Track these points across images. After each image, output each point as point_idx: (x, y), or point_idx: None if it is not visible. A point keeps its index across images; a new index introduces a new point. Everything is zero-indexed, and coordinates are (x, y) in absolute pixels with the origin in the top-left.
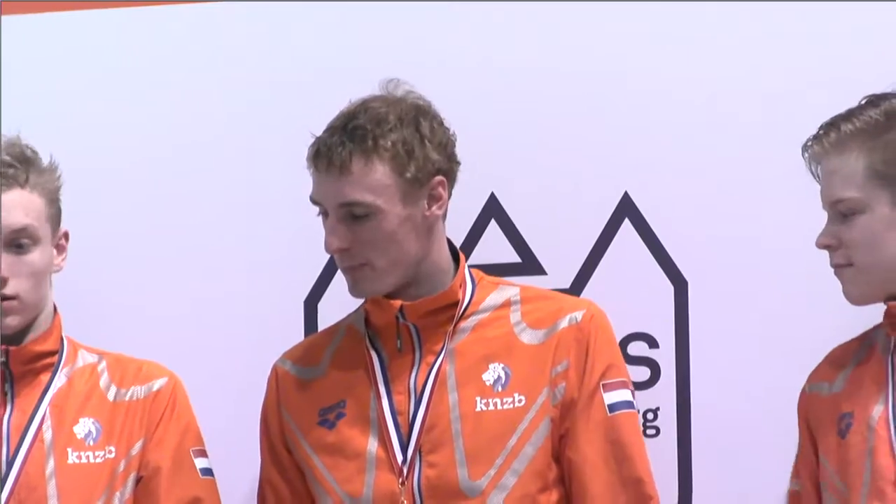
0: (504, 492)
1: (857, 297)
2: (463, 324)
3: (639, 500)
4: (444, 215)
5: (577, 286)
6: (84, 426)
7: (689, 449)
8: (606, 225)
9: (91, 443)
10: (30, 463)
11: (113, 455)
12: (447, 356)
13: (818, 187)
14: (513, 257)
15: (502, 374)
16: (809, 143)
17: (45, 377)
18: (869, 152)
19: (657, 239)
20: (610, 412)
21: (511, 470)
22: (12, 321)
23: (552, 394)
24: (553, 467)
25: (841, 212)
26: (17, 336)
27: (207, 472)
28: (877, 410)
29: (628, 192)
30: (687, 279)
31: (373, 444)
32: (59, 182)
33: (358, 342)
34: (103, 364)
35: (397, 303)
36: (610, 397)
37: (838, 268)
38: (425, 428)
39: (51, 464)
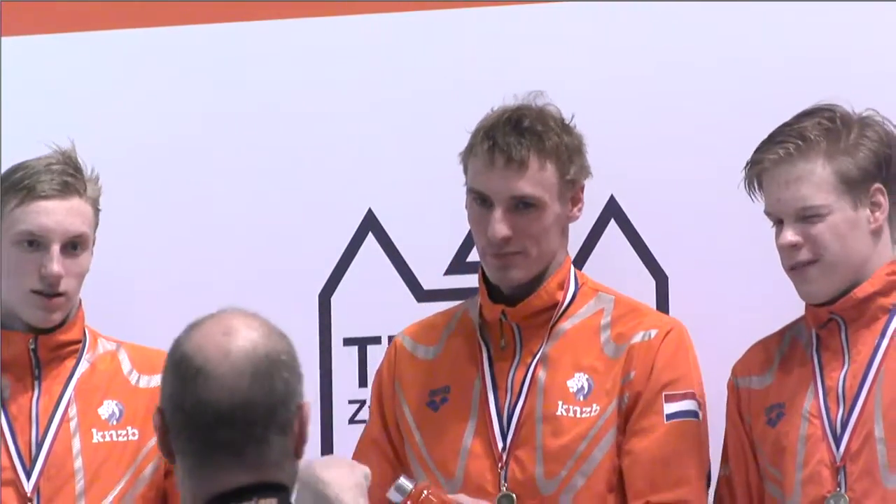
0: (573, 491)
1: (818, 294)
2: (560, 325)
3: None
4: None
5: None
6: (108, 408)
7: None
8: (594, 225)
9: (114, 422)
10: (57, 443)
11: (136, 437)
12: (541, 360)
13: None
14: None
15: (585, 385)
16: (765, 154)
17: (69, 363)
18: (834, 158)
19: (640, 238)
20: (667, 420)
21: (580, 472)
22: (57, 317)
23: (619, 402)
24: (618, 471)
25: (807, 215)
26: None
27: None
28: (808, 402)
29: (614, 195)
30: (667, 274)
31: (470, 433)
32: (101, 191)
33: (470, 330)
34: (123, 352)
35: (499, 307)
36: (671, 407)
37: (801, 266)
38: (519, 425)
39: (77, 443)
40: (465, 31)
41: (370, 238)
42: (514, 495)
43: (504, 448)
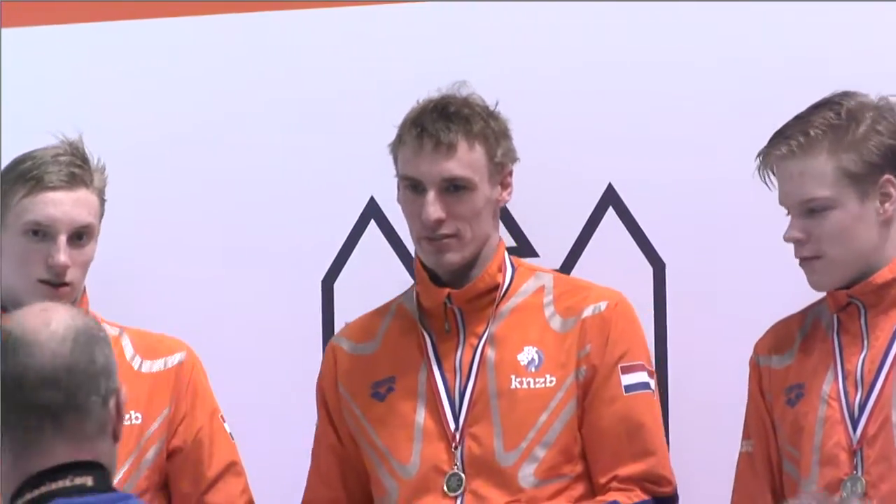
0: (535, 463)
1: (825, 285)
2: (502, 307)
3: (649, 475)
4: None
5: (567, 267)
6: None
7: (666, 417)
8: (592, 213)
9: None
10: None
11: (139, 422)
12: (488, 340)
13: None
14: (509, 241)
15: (536, 357)
16: (772, 148)
17: None
18: (837, 153)
19: (638, 225)
20: (626, 392)
21: (541, 444)
22: None
23: (577, 375)
24: (578, 442)
25: (811, 209)
26: None
27: (231, 435)
28: (828, 384)
29: (612, 183)
30: (664, 261)
31: (420, 416)
32: (107, 182)
33: (408, 321)
34: (126, 338)
35: (445, 291)
36: (627, 379)
37: (806, 260)
38: (471, 403)
39: None
40: (468, 21)
41: (372, 225)
42: (463, 475)
43: (457, 427)
